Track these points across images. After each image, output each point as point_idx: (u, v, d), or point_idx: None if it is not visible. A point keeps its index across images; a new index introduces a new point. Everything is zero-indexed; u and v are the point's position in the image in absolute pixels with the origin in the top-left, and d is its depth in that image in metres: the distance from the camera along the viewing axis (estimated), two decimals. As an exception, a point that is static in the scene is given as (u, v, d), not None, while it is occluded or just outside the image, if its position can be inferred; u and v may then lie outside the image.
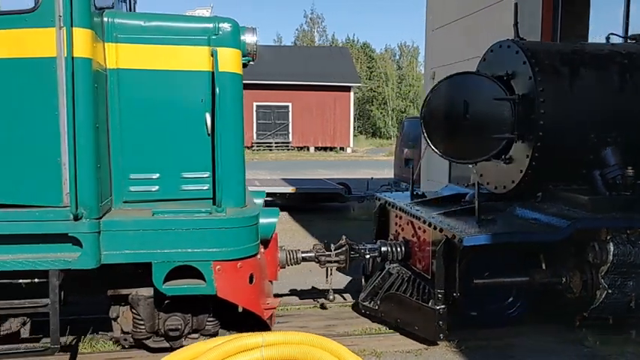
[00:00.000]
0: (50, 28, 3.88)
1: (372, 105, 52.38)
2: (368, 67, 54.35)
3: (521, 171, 5.34)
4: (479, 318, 5.16)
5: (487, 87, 5.38)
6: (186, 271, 4.32)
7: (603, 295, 4.86)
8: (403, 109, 48.58)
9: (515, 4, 5.73)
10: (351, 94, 37.70)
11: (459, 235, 4.62)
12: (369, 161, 28.98)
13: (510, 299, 5.26)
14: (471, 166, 6.14)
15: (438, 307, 4.79)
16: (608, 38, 6.02)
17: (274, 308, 4.83)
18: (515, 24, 5.73)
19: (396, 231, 6.11)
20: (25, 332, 4.44)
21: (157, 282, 4.23)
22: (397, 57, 54.46)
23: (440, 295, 4.82)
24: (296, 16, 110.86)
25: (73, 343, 4.94)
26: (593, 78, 5.30)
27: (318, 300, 6.20)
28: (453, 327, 4.90)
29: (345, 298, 6.35)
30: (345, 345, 3.99)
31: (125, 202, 4.51)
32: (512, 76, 5.43)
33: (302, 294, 6.51)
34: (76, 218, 3.94)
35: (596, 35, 10.23)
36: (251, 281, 4.51)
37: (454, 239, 4.67)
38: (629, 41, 6.37)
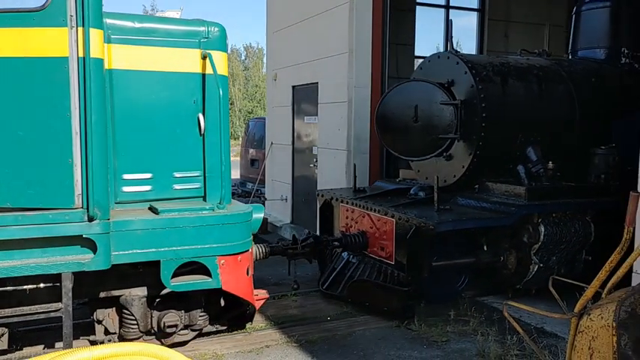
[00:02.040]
0: (60, 27, 3.84)
1: (220, 105, 51.53)
2: (214, 68, 53.35)
3: (463, 166, 6.13)
4: (435, 295, 5.83)
5: (434, 93, 6.08)
6: (184, 268, 4.48)
7: (535, 270, 5.77)
8: (250, 110, 48.92)
9: (450, 20, 6.52)
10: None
11: (429, 223, 5.24)
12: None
13: (460, 277, 6.01)
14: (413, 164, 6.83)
15: (407, 289, 5.39)
16: (520, 53, 7.05)
17: (265, 299, 5.12)
18: (450, 38, 6.50)
19: (347, 224, 6.62)
20: (2, 344, 4.29)
21: (165, 279, 4.33)
22: (243, 58, 54.61)
23: (409, 278, 5.42)
24: (134, 10, 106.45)
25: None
26: (518, 87, 6.22)
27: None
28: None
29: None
30: (185, 350, 4.43)
31: (118, 202, 4.52)
32: (452, 83, 6.18)
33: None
34: (91, 219, 3.94)
35: (421, 42, 11.70)
36: (248, 274, 4.76)
37: (424, 227, 5.28)
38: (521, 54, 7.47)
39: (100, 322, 4.69)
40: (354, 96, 8.31)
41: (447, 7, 13.20)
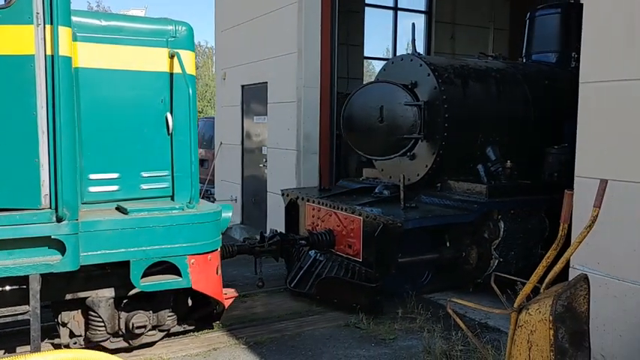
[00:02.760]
0: (26, 25, 3.76)
1: (168, 105, 51.07)
2: (162, 67, 52.87)
3: (427, 166, 6.29)
4: (400, 290, 5.96)
5: (398, 94, 6.23)
6: (152, 268, 4.45)
7: (495, 264, 5.98)
8: (200, 110, 48.56)
9: (413, 24, 6.69)
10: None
11: (397, 220, 5.37)
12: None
13: (424, 273, 6.17)
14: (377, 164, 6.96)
15: (376, 284, 5.50)
16: (478, 56, 7.29)
17: (234, 297, 5.13)
18: (413, 41, 6.67)
19: (313, 223, 6.70)
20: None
21: (135, 280, 4.30)
22: (193, 56, 54.10)
23: (377, 274, 5.53)
24: (78, 6, 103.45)
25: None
26: (478, 89, 6.44)
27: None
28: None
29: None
30: (131, 356, 4.44)
31: (84, 203, 4.44)
32: (415, 85, 6.33)
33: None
34: (59, 220, 3.87)
35: (370, 43, 11.94)
36: (217, 272, 4.77)
37: (391, 224, 5.41)
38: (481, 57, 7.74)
39: (64, 324, 4.61)
40: (304, 96, 8.36)
41: (395, 8, 13.49)
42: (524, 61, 7.61)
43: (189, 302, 4.99)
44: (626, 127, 4.02)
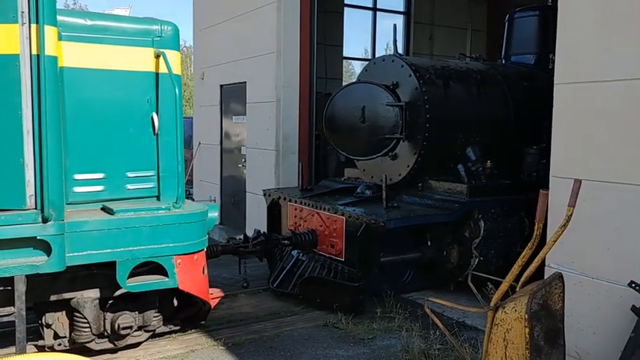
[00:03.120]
0: (10, 24, 3.73)
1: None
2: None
3: (408, 166, 6.38)
4: (384, 289, 6.03)
5: (380, 94, 6.30)
6: (138, 268, 4.44)
7: (475, 263, 6.09)
8: None
9: (394, 25, 6.77)
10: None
11: (379, 220, 5.44)
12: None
13: (406, 272, 6.26)
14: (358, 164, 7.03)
15: (359, 284, 5.56)
16: (459, 57, 7.40)
17: (220, 297, 5.14)
18: (395, 42, 6.75)
19: (296, 223, 6.73)
20: None
21: (121, 280, 4.29)
22: (170, 55, 53.52)
23: (360, 274, 5.60)
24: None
25: None
26: (459, 89, 6.54)
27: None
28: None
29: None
30: (111, 358, 4.47)
31: (69, 203, 4.41)
32: (397, 85, 6.41)
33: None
34: (45, 221, 3.84)
35: (349, 43, 12.12)
36: (203, 272, 4.78)
37: (374, 224, 5.47)
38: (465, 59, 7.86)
39: (49, 326, 4.57)
40: (283, 96, 8.38)
41: (374, 9, 13.61)
42: (503, 62, 7.75)
43: (175, 302, 5.00)
44: (599, 128, 4.10)
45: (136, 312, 4.68)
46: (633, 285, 3.75)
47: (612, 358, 3.91)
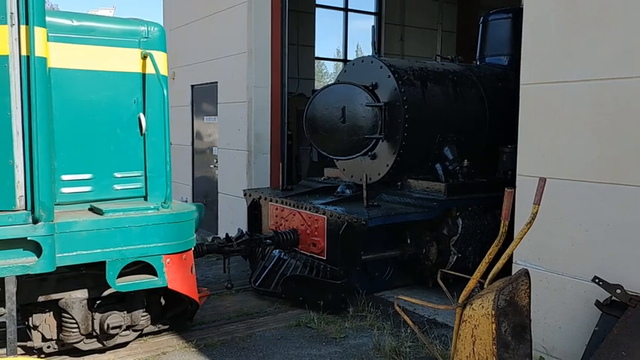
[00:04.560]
0: (0, 25, 3.72)
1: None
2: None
3: (388, 165, 6.52)
4: (365, 286, 6.16)
5: (360, 95, 6.42)
6: (126, 268, 4.47)
7: (454, 260, 6.27)
8: None
9: (373, 26, 6.91)
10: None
11: (361, 218, 5.56)
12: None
13: (386, 269, 6.40)
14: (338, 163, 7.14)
15: (341, 282, 5.68)
16: (435, 58, 7.58)
17: (207, 296, 5.20)
18: (374, 43, 6.88)
19: (277, 222, 6.81)
20: None
21: (111, 280, 4.31)
22: (143, 55, 52.85)
23: (342, 272, 5.71)
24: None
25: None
26: (436, 90, 6.71)
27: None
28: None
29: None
30: None
31: (57, 204, 4.41)
32: (376, 86, 6.54)
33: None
34: (35, 221, 3.85)
35: (321, 44, 12.26)
36: (192, 271, 4.83)
37: (356, 223, 5.59)
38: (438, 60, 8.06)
39: (35, 327, 4.56)
40: (254, 96, 8.39)
41: (346, 9, 13.77)
42: (478, 63, 7.97)
43: (162, 301, 5.03)
44: (561, 127, 4.21)
45: (125, 312, 4.71)
46: (597, 280, 3.83)
47: (577, 352, 4.00)
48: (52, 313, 4.56)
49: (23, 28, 3.73)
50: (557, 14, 4.23)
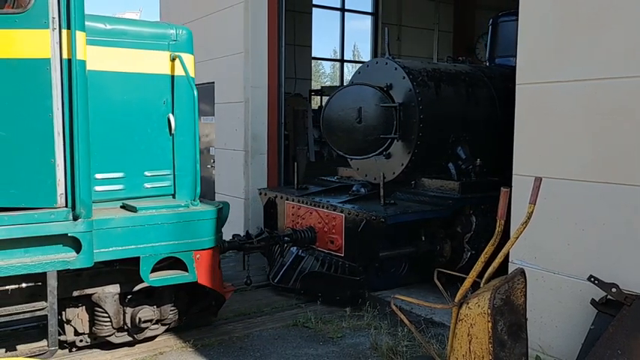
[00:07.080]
0: (42, 29, 3.87)
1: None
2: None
3: (402, 164, 6.68)
4: (381, 282, 6.32)
5: (375, 96, 6.58)
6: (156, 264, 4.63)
7: (467, 257, 6.41)
8: None
9: (386, 29, 7.05)
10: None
11: (380, 216, 5.72)
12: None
13: (401, 266, 6.56)
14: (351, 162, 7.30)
15: (360, 278, 5.84)
16: (446, 60, 7.75)
17: (233, 291, 5.36)
18: (387, 44, 7.04)
19: (294, 220, 6.97)
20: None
21: (145, 275, 4.47)
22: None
23: (361, 268, 5.88)
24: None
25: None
26: (449, 91, 6.87)
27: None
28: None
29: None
30: None
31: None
32: (390, 87, 6.70)
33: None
34: (75, 218, 4.00)
35: (317, 44, 12.28)
36: (219, 267, 4.99)
37: (374, 220, 5.75)
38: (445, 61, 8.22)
39: (69, 321, 4.71)
40: (251, 96, 8.46)
41: (343, 10, 13.90)
42: (487, 64, 8.13)
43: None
44: (556, 127, 4.24)
45: (154, 306, 4.86)
46: (593, 279, 3.85)
47: (573, 351, 4.02)
48: (84, 307, 4.71)
49: (65, 32, 3.87)
50: (553, 15, 4.26)
